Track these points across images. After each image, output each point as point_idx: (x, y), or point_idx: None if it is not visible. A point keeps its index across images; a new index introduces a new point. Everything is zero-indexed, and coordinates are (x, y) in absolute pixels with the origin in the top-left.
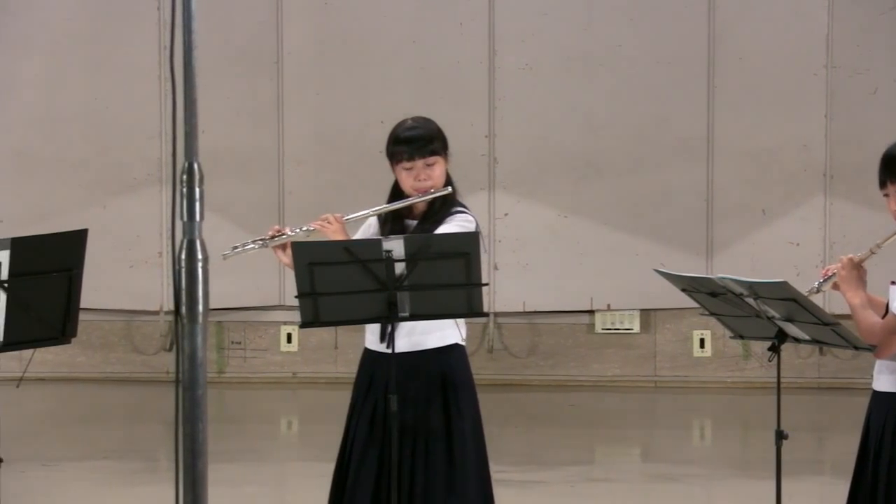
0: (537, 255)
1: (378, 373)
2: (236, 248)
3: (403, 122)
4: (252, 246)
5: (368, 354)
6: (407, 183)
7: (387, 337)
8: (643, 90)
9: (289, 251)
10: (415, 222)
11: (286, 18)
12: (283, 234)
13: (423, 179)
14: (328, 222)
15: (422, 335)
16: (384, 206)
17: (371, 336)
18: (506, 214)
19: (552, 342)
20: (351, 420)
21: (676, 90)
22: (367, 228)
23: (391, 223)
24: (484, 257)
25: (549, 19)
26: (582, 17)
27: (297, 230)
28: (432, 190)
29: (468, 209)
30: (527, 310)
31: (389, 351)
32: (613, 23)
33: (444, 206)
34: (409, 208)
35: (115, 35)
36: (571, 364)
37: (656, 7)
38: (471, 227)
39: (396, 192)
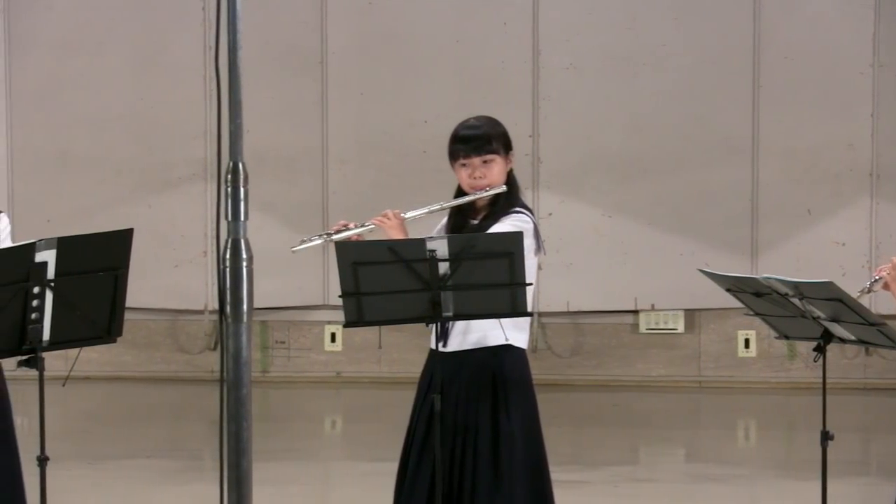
0: (581, 254)
1: (437, 373)
2: (304, 241)
3: (466, 120)
4: (318, 240)
5: (430, 354)
6: (464, 180)
7: (444, 335)
8: (687, 90)
9: None
10: (476, 221)
11: (330, 18)
12: (348, 229)
13: (479, 178)
14: (387, 218)
15: (476, 335)
16: (441, 203)
17: (431, 335)
18: (550, 214)
19: (596, 342)
20: (412, 419)
21: (721, 89)
22: (441, 229)
23: (453, 221)
24: (541, 257)
25: (594, 19)
26: (626, 17)
27: (361, 225)
28: (488, 188)
29: (527, 209)
30: (571, 310)
31: (445, 349)
32: (658, 22)
33: (505, 205)
34: (473, 207)
35: (161, 35)
36: (615, 364)
37: (701, 6)
38: (526, 227)
39: (459, 190)
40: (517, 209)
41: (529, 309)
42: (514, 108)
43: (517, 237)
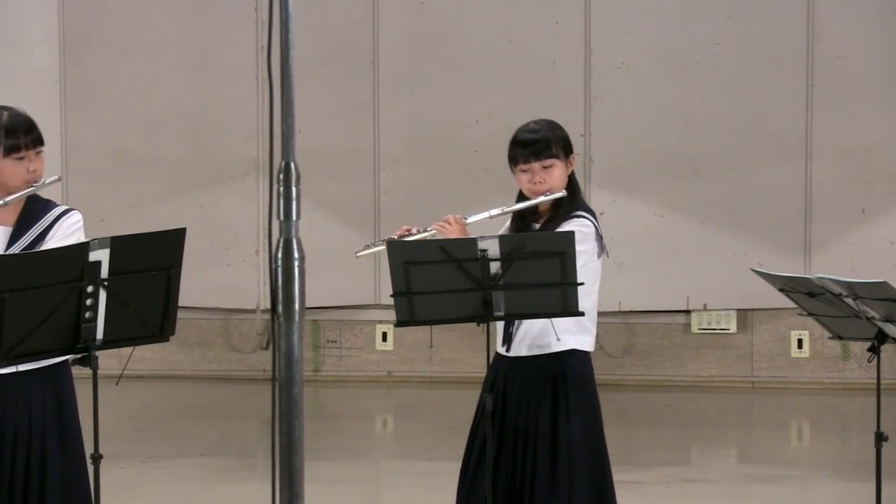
0: (633, 254)
1: (500, 375)
2: (368, 246)
3: (526, 124)
4: (382, 245)
5: (495, 357)
6: (524, 185)
7: (509, 340)
8: (740, 88)
9: None
10: (538, 225)
11: (382, 18)
12: (411, 234)
13: (539, 182)
14: (448, 224)
15: (541, 339)
16: (502, 208)
17: (497, 339)
18: (601, 214)
19: (648, 342)
20: (475, 420)
21: (774, 88)
22: (505, 233)
23: (516, 225)
24: (604, 259)
25: (646, 18)
26: (678, 16)
27: (424, 230)
28: (548, 193)
29: (590, 212)
30: (622, 309)
31: (509, 354)
32: (710, 21)
33: (568, 208)
34: (535, 210)
35: (213, 35)
36: (667, 364)
37: (754, 5)
38: (587, 231)
39: (520, 194)
40: (579, 213)
41: (593, 310)
42: (566, 108)
43: (569, 237)
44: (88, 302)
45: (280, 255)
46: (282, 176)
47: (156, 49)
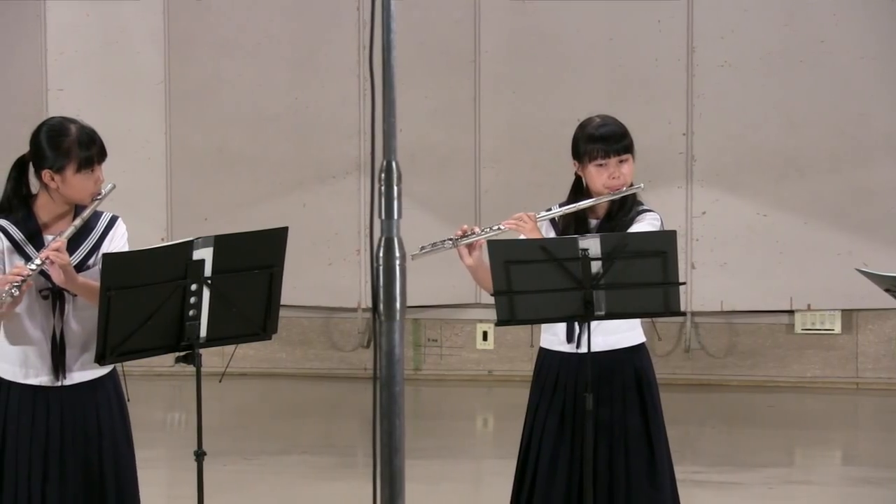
0: (736, 253)
1: (564, 373)
2: (424, 248)
3: (591, 120)
4: (440, 246)
5: (550, 355)
6: (598, 181)
7: (575, 338)
8: (845, 86)
9: (475, 252)
10: (596, 221)
11: (483, 17)
12: (473, 234)
13: (616, 177)
14: (522, 221)
15: (613, 335)
16: (575, 204)
17: (552, 337)
18: (703, 213)
19: (751, 342)
20: (535, 421)
21: (880, 86)
22: (539, 228)
23: (574, 223)
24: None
25: (749, 16)
26: (783, 14)
27: (487, 229)
28: (623, 188)
29: (653, 208)
30: (725, 309)
31: (577, 351)
32: (815, 18)
33: (632, 205)
34: (592, 207)
35: (316, 35)
36: (770, 364)
37: (859, 2)
38: (658, 227)
39: (578, 191)
40: (648, 209)
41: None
42: (668, 106)
43: (670, 236)
44: (192, 300)
45: (381, 254)
46: (383, 175)
47: (259, 49)
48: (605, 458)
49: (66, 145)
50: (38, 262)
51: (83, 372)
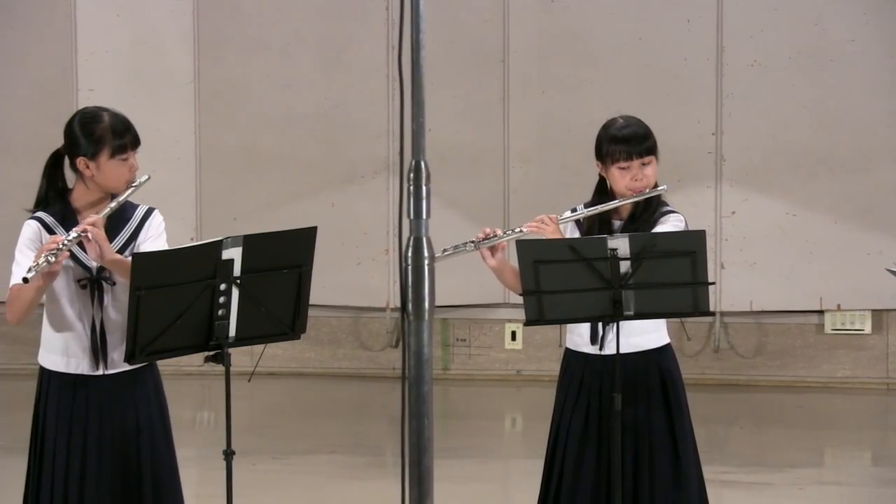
0: (765, 253)
1: (588, 374)
2: (446, 250)
3: (614, 121)
4: (463, 248)
5: (575, 356)
6: (621, 182)
7: (599, 339)
8: (876, 86)
9: (498, 254)
10: (620, 222)
11: (512, 17)
12: (494, 236)
13: (639, 179)
14: (544, 223)
15: (639, 336)
16: (599, 206)
17: (577, 338)
18: (733, 213)
19: (780, 342)
20: (560, 422)
21: None
22: (563, 229)
23: (598, 224)
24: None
25: (779, 15)
26: (813, 13)
27: (510, 231)
28: (647, 190)
29: (678, 210)
30: (754, 309)
31: (601, 353)
32: (845, 17)
33: (655, 206)
34: (616, 208)
35: (345, 35)
36: (800, 365)
37: (890, 1)
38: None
39: (602, 192)
40: (672, 210)
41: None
42: (697, 106)
43: (699, 236)
44: (221, 300)
45: (410, 254)
46: (412, 175)
47: (288, 49)
48: (629, 459)
49: (100, 132)
50: (74, 234)
51: (123, 361)
